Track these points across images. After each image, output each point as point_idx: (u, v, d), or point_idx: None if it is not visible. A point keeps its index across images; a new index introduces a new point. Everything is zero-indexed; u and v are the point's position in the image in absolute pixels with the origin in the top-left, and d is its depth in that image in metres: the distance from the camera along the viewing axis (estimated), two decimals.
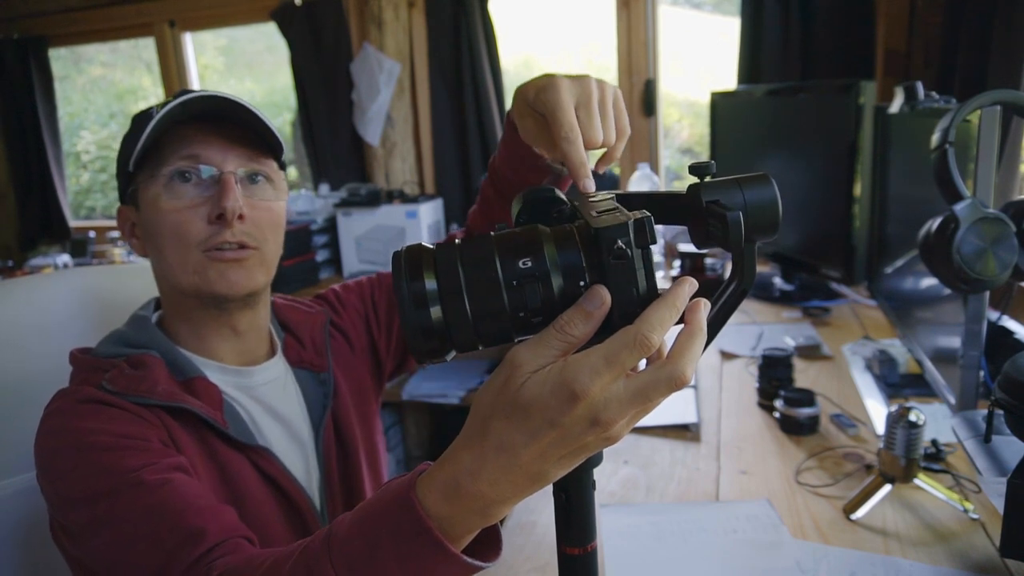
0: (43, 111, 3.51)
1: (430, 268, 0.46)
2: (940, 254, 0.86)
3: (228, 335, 0.87)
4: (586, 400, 0.42)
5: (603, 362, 0.43)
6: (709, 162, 0.50)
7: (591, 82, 0.63)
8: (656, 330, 0.43)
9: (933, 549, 0.89)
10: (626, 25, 2.66)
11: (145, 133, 0.77)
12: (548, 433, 0.43)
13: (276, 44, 3.24)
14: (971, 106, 0.88)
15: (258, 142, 0.84)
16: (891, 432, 0.96)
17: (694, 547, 0.93)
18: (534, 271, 0.45)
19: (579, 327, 0.44)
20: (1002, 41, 1.61)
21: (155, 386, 0.77)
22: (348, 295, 1.05)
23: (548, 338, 0.44)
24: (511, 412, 0.44)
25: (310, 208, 2.83)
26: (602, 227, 0.44)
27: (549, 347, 0.44)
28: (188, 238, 0.80)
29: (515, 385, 0.44)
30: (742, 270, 0.49)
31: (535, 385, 0.43)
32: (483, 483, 0.46)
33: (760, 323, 1.81)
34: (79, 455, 0.71)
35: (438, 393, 2.62)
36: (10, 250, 3.66)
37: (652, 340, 0.43)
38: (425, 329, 0.46)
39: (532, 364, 0.44)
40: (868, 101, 1.62)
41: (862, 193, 1.67)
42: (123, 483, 0.68)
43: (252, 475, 0.82)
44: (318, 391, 0.94)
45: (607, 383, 0.43)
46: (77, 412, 0.74)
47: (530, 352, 0.45)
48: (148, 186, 0.81)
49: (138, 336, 0.83)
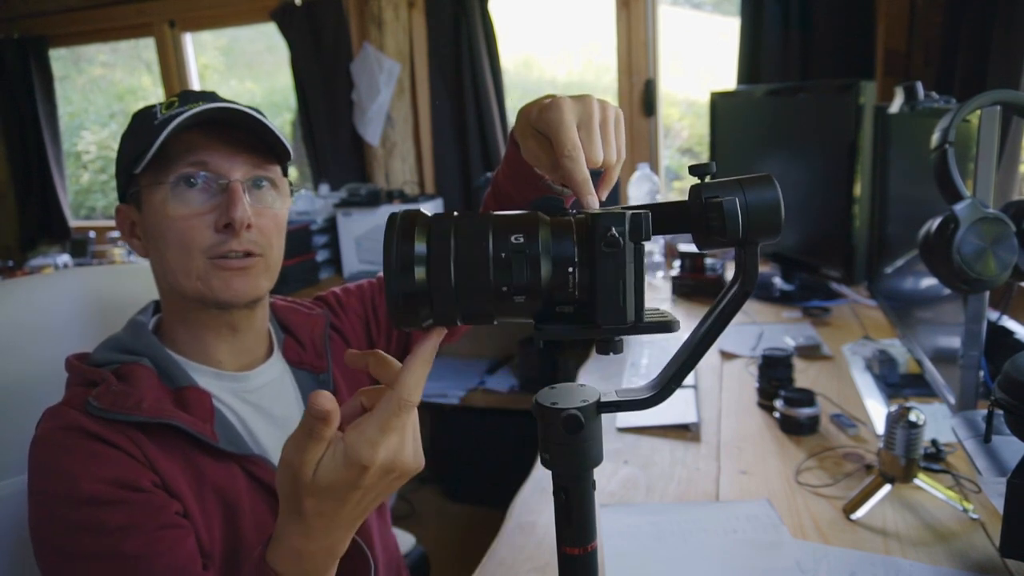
0: (43, 111, 3.51)
1: (423, 233, 0.46)
2: (940, 254, 0.86)
3: (227, 336, 0.87)
4: (376, 464, 0.51)
5: (379, 432, 0.51)
6: (709, 163, 0.50)
7: (593, 102, 0.63)
8: (415, 391, 0.51)
9: (933, 549, 0.89)
10: (626, 25, 2.66)
11: (158, 141, 0.77)
12: (353, 494, 0.53)
13: (276, 44, 3.24)
14: (971, 106, 0.88)
15: (263, 147, 0.84)
16: (891, 432, 0.96)
17: (694, 547, 0.93)
18: (524, 248, 0.46)
19: (322, 428, 0.51)
20: (1002, 41, 1.61)
21: (141, 402, 0.76)
22: (349, 298, 1.05)
23: (303, 437, 0.51)
24: (315, 494, 0.53)
25: (310, 208, 2.83)
26: (599, 213, 0.45)
27: (314, 440, 0.51)
28: (193, 245, 0.80)
29: (306, 478, 0.52)
30: (744, 272, 0.49)
31: (326, 472, 0.52)
32: (316, 541, 0.56)
33: (760, 323, 1.81)
34: (63, 508, 0.71)
35: (438, 393, 2.62)
36: (10, 250, 3.66)
37: (414, 399, 0.51)
38: (407, 292, 0.46)
39: (311, 460, 0.52)
40: (868, 101, 1.62)
41: (862, 193, 1.67)
42: (106, 550, 0.69)
43: (245, 485, 0.81)
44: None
45: (386, 445, 0.51)
46: (64, 447, 0.73)
47: (300, 452, 0.52)
48: (153, 189, 0.81)
49: (133, 343, 0.83)
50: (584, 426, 0.49)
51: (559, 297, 0.47)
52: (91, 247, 3.40)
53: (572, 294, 0.47)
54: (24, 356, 0.97)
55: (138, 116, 0.85)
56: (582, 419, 0.49)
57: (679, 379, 0.52)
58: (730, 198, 0.47)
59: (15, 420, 0.90)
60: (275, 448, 0.88)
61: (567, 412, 0.49)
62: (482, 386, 2.65)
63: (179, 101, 0.83)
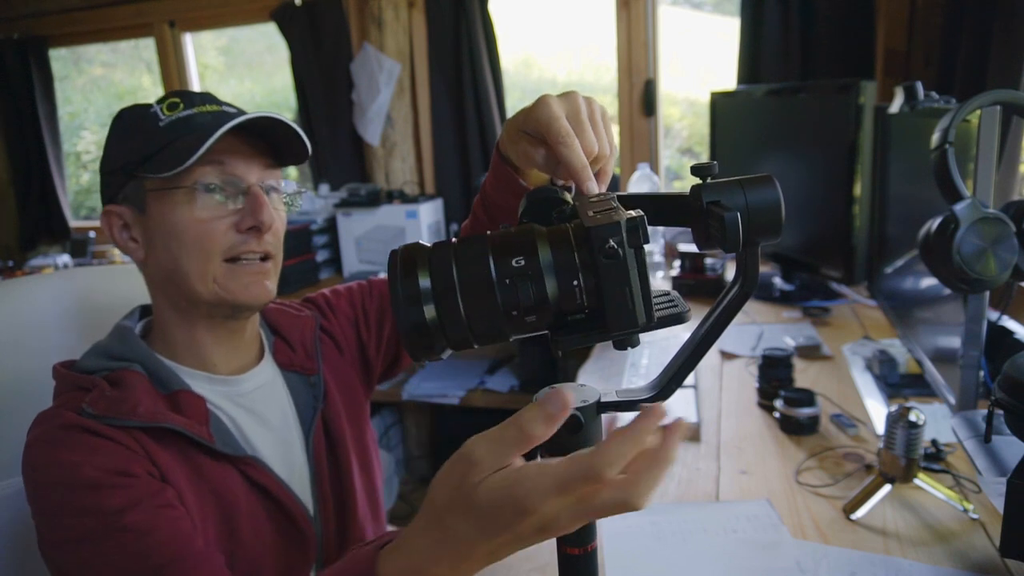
0: (43, 111, 3.51)
1: (424, 266, 0.46)
2: (940, 254, 0.86)
3: (225, 339, 0.87)
4: (536, 515, 0.44)
5: (554, 488, 0.43)
6: (712, 163, 0.49)
7: (578, 97, 0.64)
8: (613, 466, 0.43)
9: (933, 549, 0.89)
10: (626, 25, 2.66)
11: (205, 146, 0.76)
12: (501, 535, 0.46)
13: (276, 44, 3.24)
14: (971, 106, 0.88)
15: (272, 152, 0.85)
16: (891, 432, 0.96)
17: (694, 547, 0.93)
18: (527, 269, 0.46)
19: (539, 428, 0.45)
20: (1002, 41, 1.61)
21: (136, 406, 0.75)
22: (338, 300, 1.05)
23: (507, 435, 0.45)
24: (467, 511, 0.46)
25: (310, 208, 2.83)
26: (594, 226, 0.44)
27: (506, 445, 0.45)
28: (213, 248, 0.80)
29: (471, 484, 0.45)
30: (745, 273, 0.49)
31: (489, 491, 0.45)
32: (442, 568, 0.49)
33: (760, 323, 1.81)
34: (63, 493, 0.70)
35: (438, 393, 2.62)
36: (10, 250, 3.66)
37: (606, 476, 0.43)
38: (418, 327, 0.46)
39: (489, 463, 0.45)
40: (868, 101, 1.62)
41: (862, 193, 1.67)
42: (109, 526, 0.69)
43: (241, 487, 0.81)
44: (308, 394, 0.94)
45: (556, 505, 0.44)
46: (60, 441, 0.73)
47: (487, 449, 0.46)
48: (165, 192, 0.80)
49: (121, 349, 0.82)
50: (584, 426, 0.49)
51: (569, 308, 0.47)
52: (91, 247, 3.40)
53: (581, 303, 0.47)
54: (24, 356, 0.97)
55: (132, 116, 0.84)
56: (582, 419, 0.49)
57: (679, 380, 0.52)
58: (731, 210, 0.46)
59: (15, 420, 0.90)
60: (269, 451, 0.87)
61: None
62: (482, 386, 2.66)
63: (183, 103, 0.82)
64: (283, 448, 0.90)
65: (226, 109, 0.85)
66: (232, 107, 0.86)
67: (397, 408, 3.00)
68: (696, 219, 0.50)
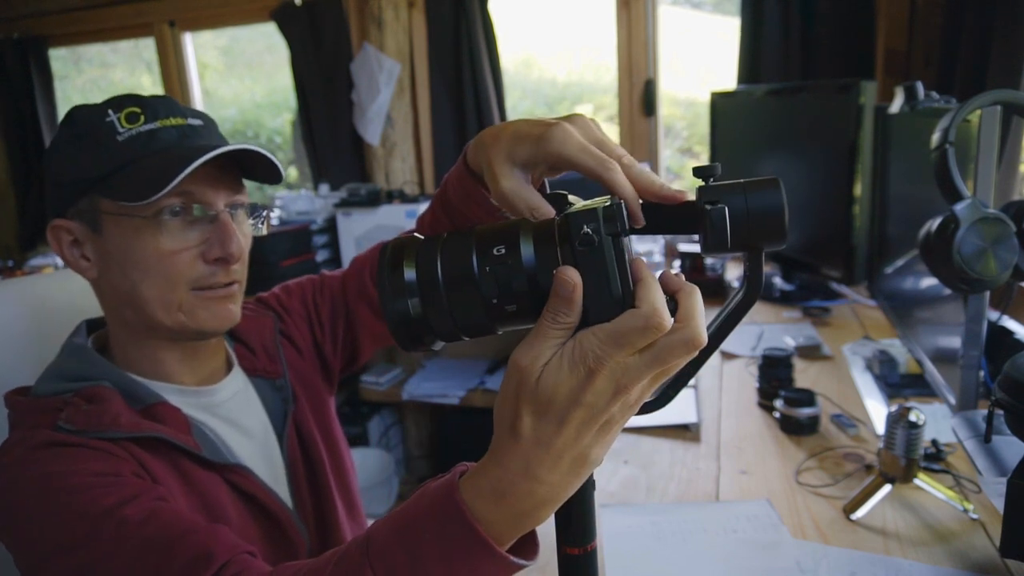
0: (43, 111, 3.51)
1: (411, 258, 0.47)
2: (940, 254, 0.86)
3: (188, 356, 0.84)
4: (604, 371, 0.43)
5: (612, 341, 0.43)
6: (714, 165, 0.48)
7: (587, 120, 0.57)
8: (657, 309, 0.43)
9: (933, 549, 0.89)
10: (626, 25, 2.66)
11: (172, 184, 0.71)
12: (575, 412, 0.44)
13: (276, 44, 3.24)
14: (971, 106, 0.88)
15: (238, 172, 0.82)
16: (891, 432, 0.96)
17: (694, 547, 0.93)
18: (506, 258, 0.45)
19: (565, 313, 0.44)
20: (1002, 41, 1.60)
21: (118, 418, 0.72)
22: (291, 300, 1.02)
23: (543, 330, 0.45)
24: (535, 407, 0.45)
25: (310, 208, 2.83)
26: (571, 212, 0.43)
27: (547, 338, 0.44)
28: (180, 278, 0.77)
29: (530, 383, 0.44)
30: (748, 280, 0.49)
31: (550, 374, 0.44)
32: (532, 480, 0.46)
33: (760, 323, 1.81)
34: (45, 501, 0.65)
35: (438, 393, 2.62)
36: (10, 250, 3.66)
37: (664, 323, 0.42)
38: (404, 318, 0.46)
39: (539, 359, 0.44)
40: (868, 101, 1.62)
41: (862, 193, 1.67)
42: (103, 525, 0.63)
43: (228, 495, 0.80)
44: (276, 398, 0.93)
45: (621, 358, 0.43)
46: (36, 459, 0.67)
47: (530, 350, 0.45)
48: (127, 218, 0.75)
49: (82, 368, 0.77)
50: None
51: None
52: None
53: None
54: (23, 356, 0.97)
55: (86, 122, 0.77)
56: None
57: (679, 385, 0.52)
58: (719, 206, 0.46)
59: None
60: (250, 460, 0.86)
61: None
62: (482, 386, 2.66)
63: (144, 114, 0.76)
64: (264, 455, 0.89)
65: (191, 122, 0.79)
66: (197, 116, 0.81)
67: (397, 408, 3.00)
68: (700, 222, 0.49)
